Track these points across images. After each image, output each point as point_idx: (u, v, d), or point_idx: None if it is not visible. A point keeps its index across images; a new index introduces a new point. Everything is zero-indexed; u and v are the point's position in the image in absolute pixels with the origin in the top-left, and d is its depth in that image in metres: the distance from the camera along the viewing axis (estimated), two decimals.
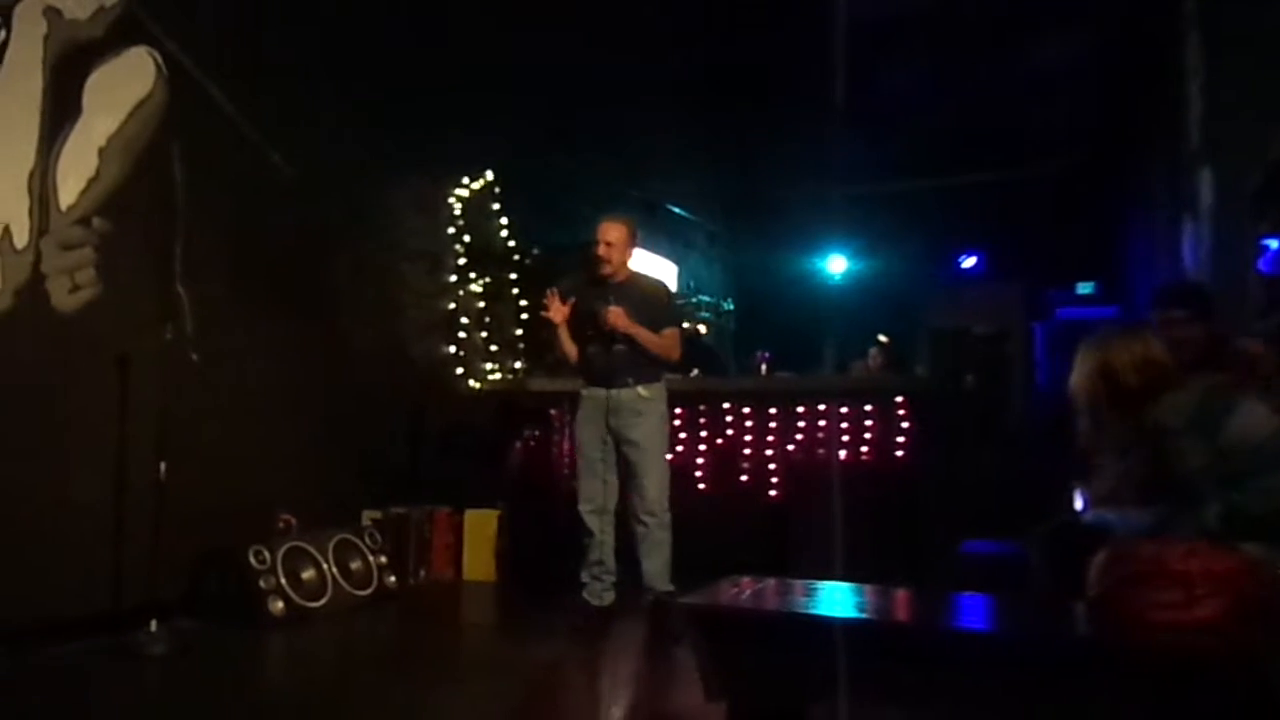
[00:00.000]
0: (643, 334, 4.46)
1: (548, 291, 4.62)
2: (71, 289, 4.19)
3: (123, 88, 4.44)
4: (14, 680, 3.60)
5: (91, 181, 4.28)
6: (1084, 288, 10.20)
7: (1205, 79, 5.88)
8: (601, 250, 4.53)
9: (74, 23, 4.23)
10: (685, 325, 7.47)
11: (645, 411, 4.50)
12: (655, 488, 4.48)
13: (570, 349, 4.63)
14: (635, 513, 4.49)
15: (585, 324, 4.55)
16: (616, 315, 4.42)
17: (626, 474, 4.52)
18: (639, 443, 4.47)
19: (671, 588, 4.43)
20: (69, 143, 4.20)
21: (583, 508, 4.56)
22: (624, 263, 4.60)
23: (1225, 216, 5.36)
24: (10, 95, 3.99)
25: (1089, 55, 9.07)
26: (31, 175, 4.06)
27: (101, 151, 4.33)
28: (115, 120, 4.40)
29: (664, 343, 4.54)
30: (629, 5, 9.28)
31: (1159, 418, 2.82)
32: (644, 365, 4.52)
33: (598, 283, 4.57)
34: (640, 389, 4.49)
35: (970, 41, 9.12)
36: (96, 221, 4.29)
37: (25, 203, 4.04)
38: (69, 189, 4.20)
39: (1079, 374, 3.04)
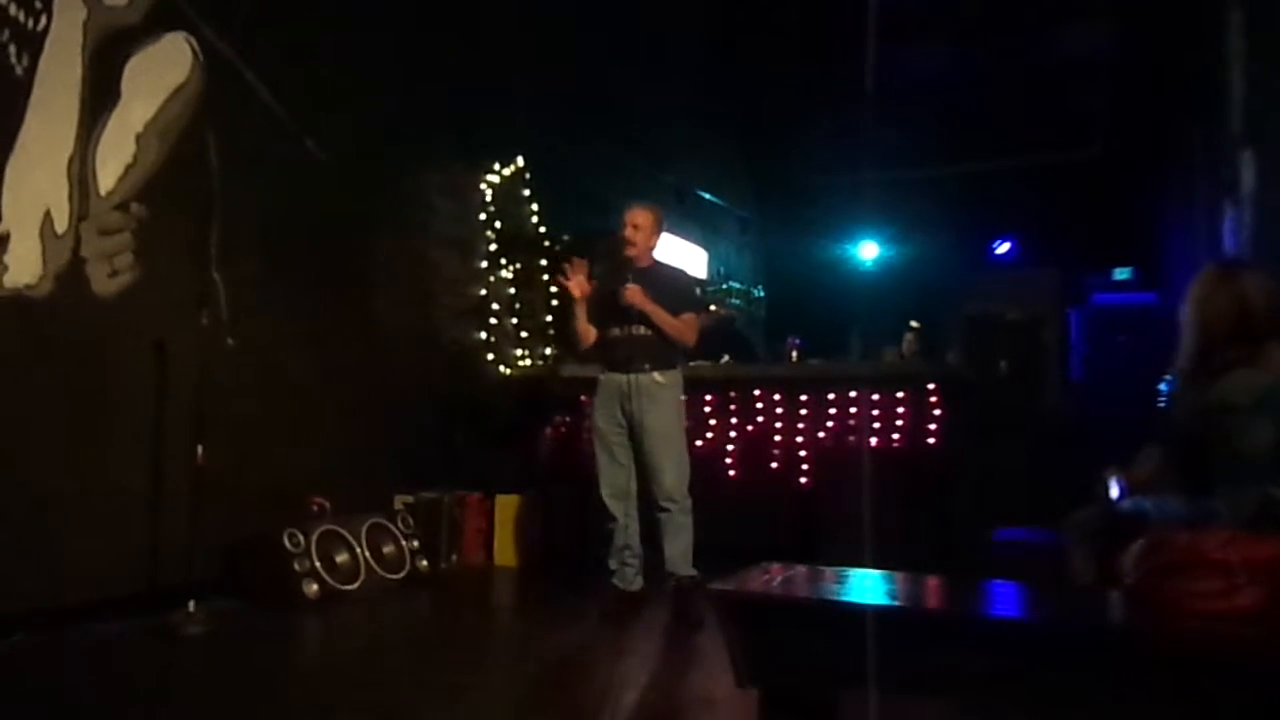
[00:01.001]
0: (659, 314, 4.46)
1: (570, 260, 4.61)
2: (110, 273, 4.25)
3: (160, 74, 4.49)
4: (53, 658, 3.68)
5: (129, 167, 4.33)
6: (1121, 273, 10.07)
7: (1248, 62, 5.77)
8: (628, 232, 4.57)
9: (113, 9, 4.28)
10: (714, 309, 7.47)
11: (661, 398, 4.50)
12: (673, 474, 4.47)
13: (585, 329, 4.64)
14: (655, 499, 4.49)
15: (608, 309, 4.56)
16: (634, 292, 4.43)
17: (644, 461, 4.52)
18: (654, 429, 4.47)
19: (694, 572, 4.43)
20: (107, 128, 4.25)
21: (603, 492, 4.58)
22: (649, 248, 4.62)
23: (1267, 200, 5.27)
24: (51, 81, 4.04)
25: (1127, 38, 8.94)
26: (71, 161, 4.12)
27: (139, 137, 4.38)
28: (153, 106, 4.44)
29: (681, 326, 4.54)
30: None
31: (1225, 395, 2.73)
32: (662, 351, 4.53)
33: (622, 268, 4.59)
34: (657, 375, 4.49)
35: (1007, 25, 9.01)
36: (134, 207, 4.34)
37: (65, 188, 4.09)
38: (108, 174, 4.25)
39: (1205, 296, 2.93)
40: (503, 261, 6.65)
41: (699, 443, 5.81)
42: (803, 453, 5.71)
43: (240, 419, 4.62)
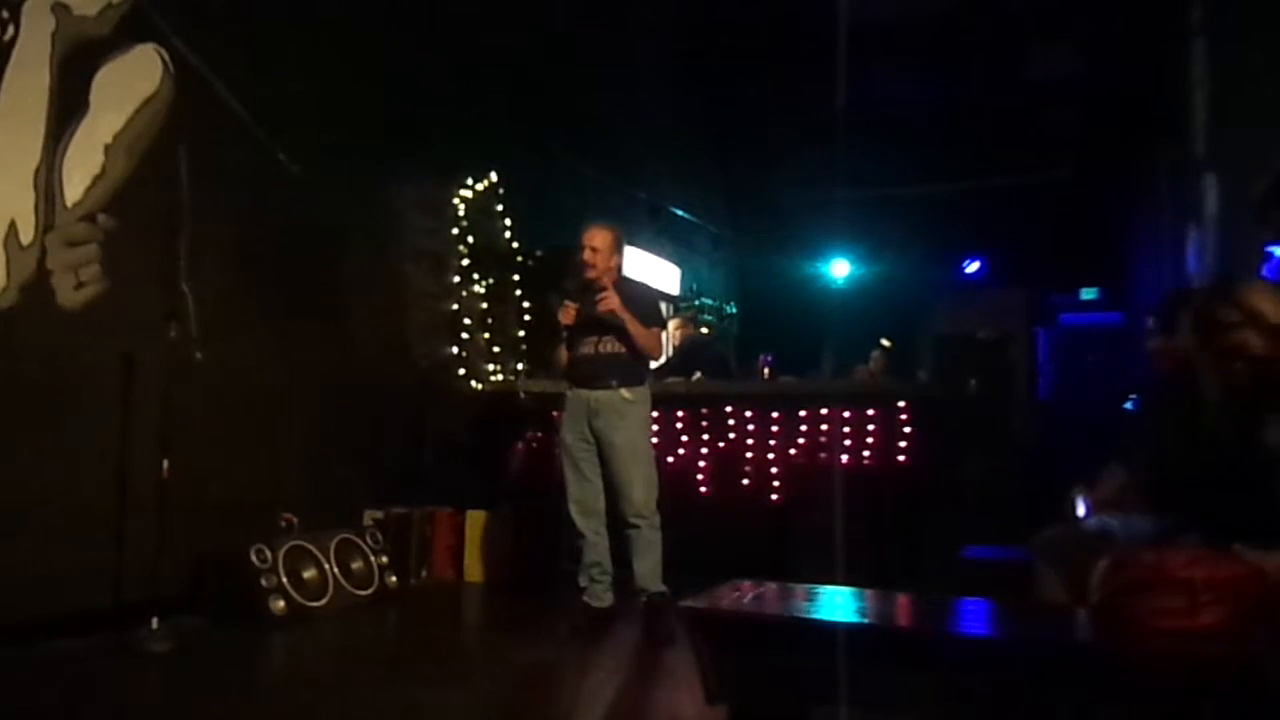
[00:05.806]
0: (633, 323, 4.47)
1: (565, 302, 4.61)
2: (76, 285, 4.19)
3: (130, 85, 4.45)
4: (16, 675, 3.60)
5: (97, 178, 4.29)
6: (1088, 293, 10.23)
7: (1211, 87, 5.88)
8: (586, 255, 4.59)
9: (82, 19, 4.24)
10: (690, 329, 7.50)
11: (627, 414, 4.50)
12: (641, 491, 4.47)
13: (565, 353, 4.67)
14: (624, 516, 4.50)
15: (576, 326, 4.58)
16: (610, 300, 4.42)
17: (612, 477, 4.52)
18: (621, 446, 4.47)
19: (664, 589, 4.43)
20: (75, 139, 4.21)
21: (571, 508, 4.58)
22: (609, 268, 4.62)
23: (1230, 223, 5.36)
24: (18, 91, 3.99)
25: (1094, 62, 9.08)
26: (38, 171, 4.07)
27: (108, 148, 4.33)
28: (122, 117, 4.40)
29: (651, 337, 4.59)
30: (635, 8, 9.32)
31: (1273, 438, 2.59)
32: (630, 368, 4.54)
33: (586, 288, 4.61)
34: (623, 391, 4.50)
35: (979, 49, 9.13)
36: (102, 218, 4.29)
37: (31, 199, 4.04)
38: (75, 185, 4.20)
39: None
40: (475, 276, 6.64)
41: (670, 459, 5.82)
42: (774, 470, 5.73)
43: (207, 433, 4.57)
